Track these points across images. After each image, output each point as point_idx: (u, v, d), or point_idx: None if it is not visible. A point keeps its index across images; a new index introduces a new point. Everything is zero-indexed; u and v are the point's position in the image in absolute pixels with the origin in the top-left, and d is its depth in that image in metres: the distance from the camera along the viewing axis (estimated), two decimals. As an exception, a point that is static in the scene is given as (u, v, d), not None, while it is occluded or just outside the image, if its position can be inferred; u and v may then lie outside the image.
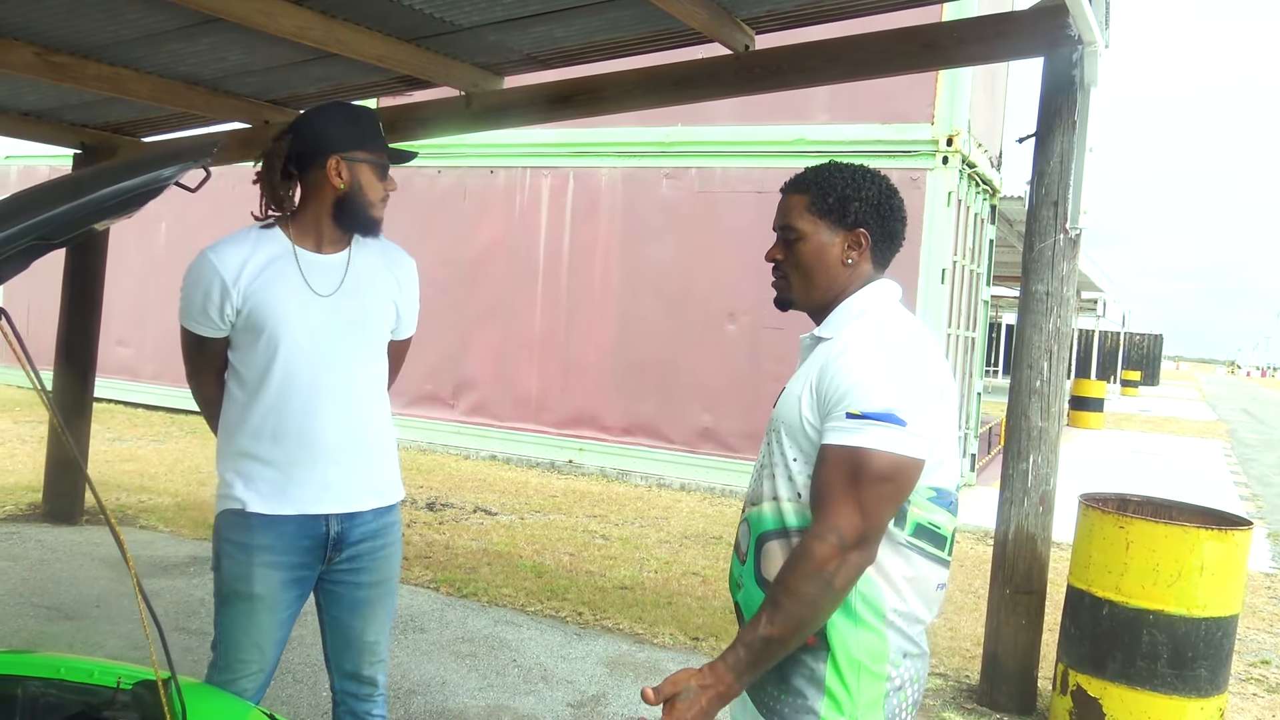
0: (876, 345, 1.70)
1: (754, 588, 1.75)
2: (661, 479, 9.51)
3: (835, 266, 1.80)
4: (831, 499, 1.61)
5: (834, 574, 1.58)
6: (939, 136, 8.46)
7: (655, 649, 4.75)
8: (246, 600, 2.34)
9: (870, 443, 1.60)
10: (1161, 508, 4.06)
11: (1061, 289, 4.08)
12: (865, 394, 1.62)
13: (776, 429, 1.76)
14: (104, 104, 5.72)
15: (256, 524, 2.32)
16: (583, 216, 10.02)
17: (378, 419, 2.45)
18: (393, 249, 2.53)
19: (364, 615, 2.48)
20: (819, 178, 1.81)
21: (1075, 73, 3.98)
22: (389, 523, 2.49)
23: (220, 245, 2.33)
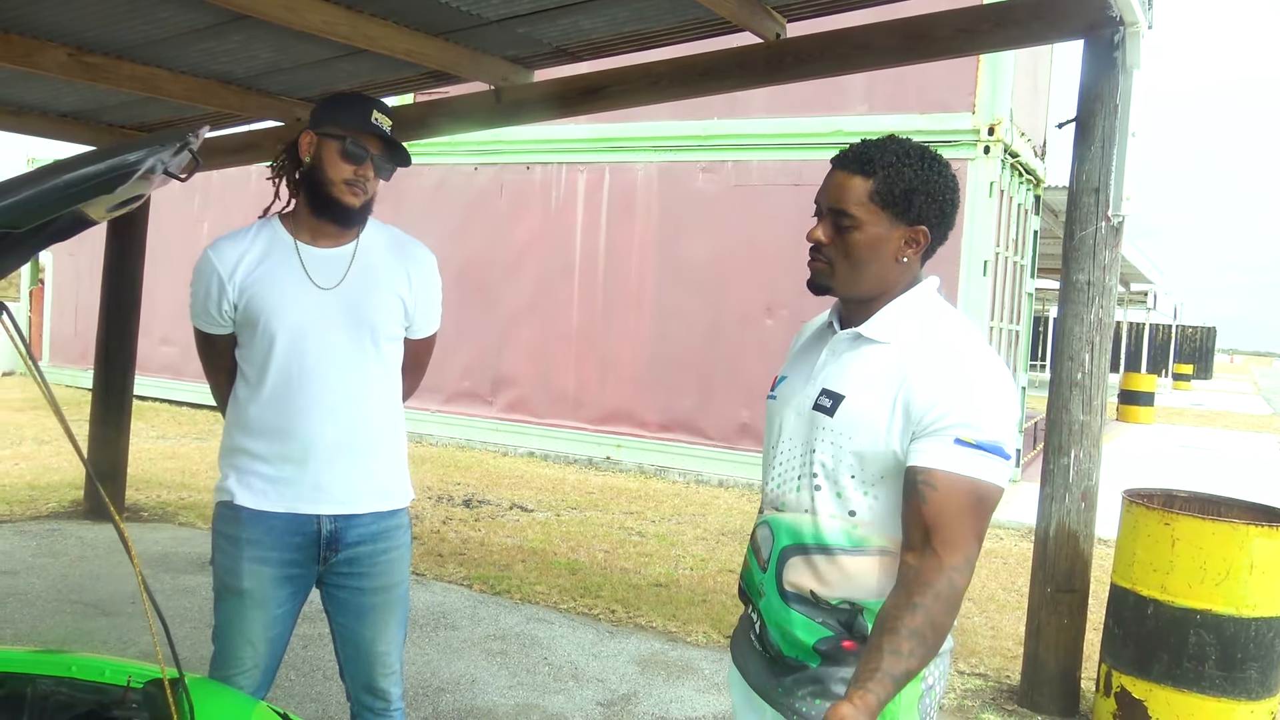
0: (978, 364, 1.59)
1: (777, 599, 1.66)
2: (699, 475, 9.44)
3: (888, 262, 1.64)
4: (958, 528, 1.52)
5: (959, 594, 1.52)
6: (980, 126, 8.30)
7: (688, 647, 4.69)
8: (237, 595, 2.31)
9: (987, 476, 1.53)
10: (1209, 503, 3.92)
11: (1104, 278, 3.95)
12: (980, 422, 1.53)
13: (834, 441, 1.61)
14: (140, 104, 5.77)
15: (246, 518, 2.30)
16: (619, 212, 9.97)
17: (380, 419, 2.38)
18: (410, 244, 2.47)
19: (371, 624, 2.42)
20: (887, 162, 1.62)
21: (1117, 55, 3.86)
22: (392, 527, 2.41)
23: (219, 241, 2.32)
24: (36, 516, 6.45)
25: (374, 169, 2.28)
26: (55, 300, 15.07)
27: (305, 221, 2.33)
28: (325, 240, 2.33)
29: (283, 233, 2.33)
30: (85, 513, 6.52)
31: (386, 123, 2.28)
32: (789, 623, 1.65)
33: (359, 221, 2.35)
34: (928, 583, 1.50)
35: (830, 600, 1.61)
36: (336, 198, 2.27)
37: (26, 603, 4.78)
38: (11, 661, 1.97)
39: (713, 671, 4.38)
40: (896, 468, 1.58)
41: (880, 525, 1.60)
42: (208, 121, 5.99)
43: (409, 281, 2.41)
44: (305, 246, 2.31)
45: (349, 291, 2.31)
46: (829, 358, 1.71)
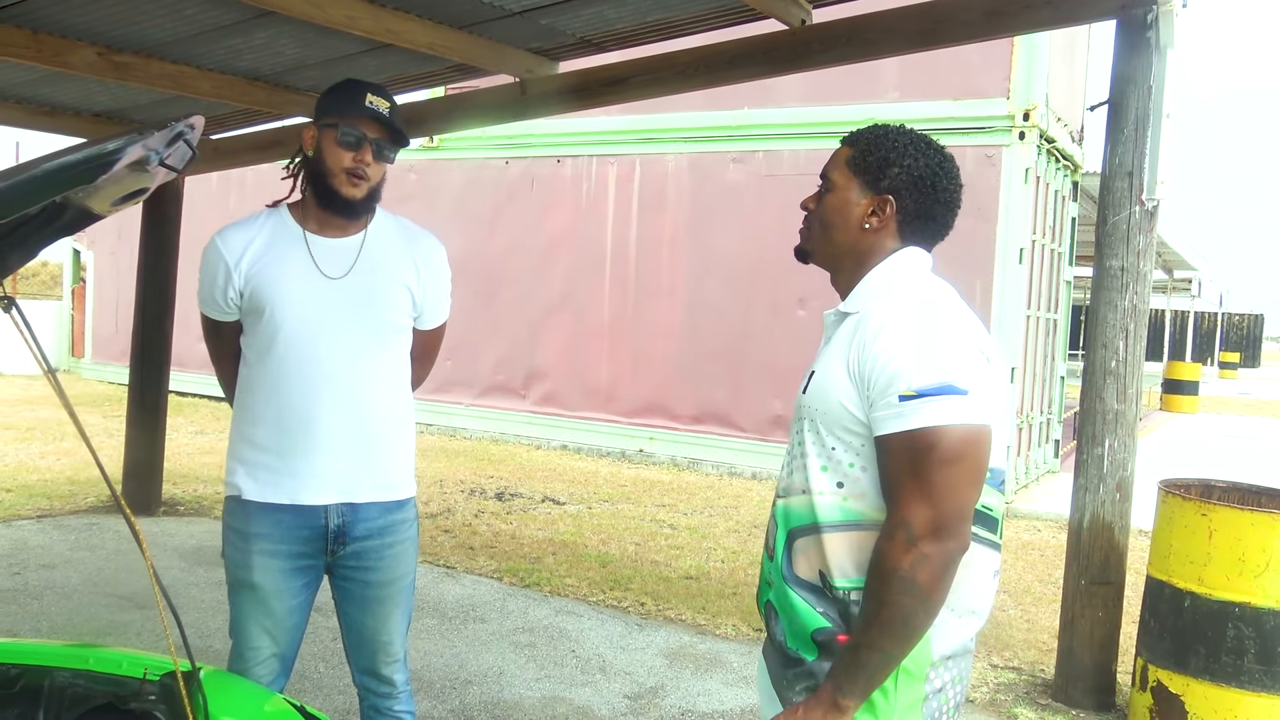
0: (914, 317, 1.57)
1: (784, 587, 1.64)
2: (733, 467, 9.40)
3: (854, 228, 1.69)
4: (897, 491, 1.50)
5: (912, 570, 1.46)
6: (1015, 111, 8.16)
7: (717, 640, 4.66)
8: (250, 589, 2.32)
9: (930, 420, 1.47)
10: (1249, 494, 3.83)
11: (1138, 264, 3.87)
12: (914, 371, 1.50)
13: (810, 417, 1.63)
14: (170, 103, 5.82)
15: (254, 511, 2.30)
16: (649, 203, 9.94)
17: (387, 409, 2.37)
18: (419, 234, 2.46)
19: (376, 615, 2.42)
20: (870, 135, 1.71)
21: (1150, 35, 3.76)
22: (399, 520, 2.41)
23: (226, 229, 2.33)
24: (75, 511, 6.55)
25: (373, 154, 2.26)
26: (97, 298, 15.30)
27: (313, 212, 2.33)
28: (333, 230, 2.32)
29: (291, 222, 2.33)
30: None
31: (383, 105, 2.25)
32: (794, 611, 1.63)
33: (364, 212, 2.34)
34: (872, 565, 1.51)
35: (834, 582, 1.58)
36: (337, 189, 2.26)
37: (63, 595, 4.85)
38: (29, 654, 1.98)
39: (741, 665, 4.35)
40: (869, 434, 1.56)
41: (872, 498, 1.57)
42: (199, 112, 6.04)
43: (417, 272, 2.40)
44: (313, 236, 2.31)
45: (357, 281, 2.30)
46: (824, 344, 1.74)
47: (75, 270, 16.70)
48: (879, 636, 1.48)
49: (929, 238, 1.71)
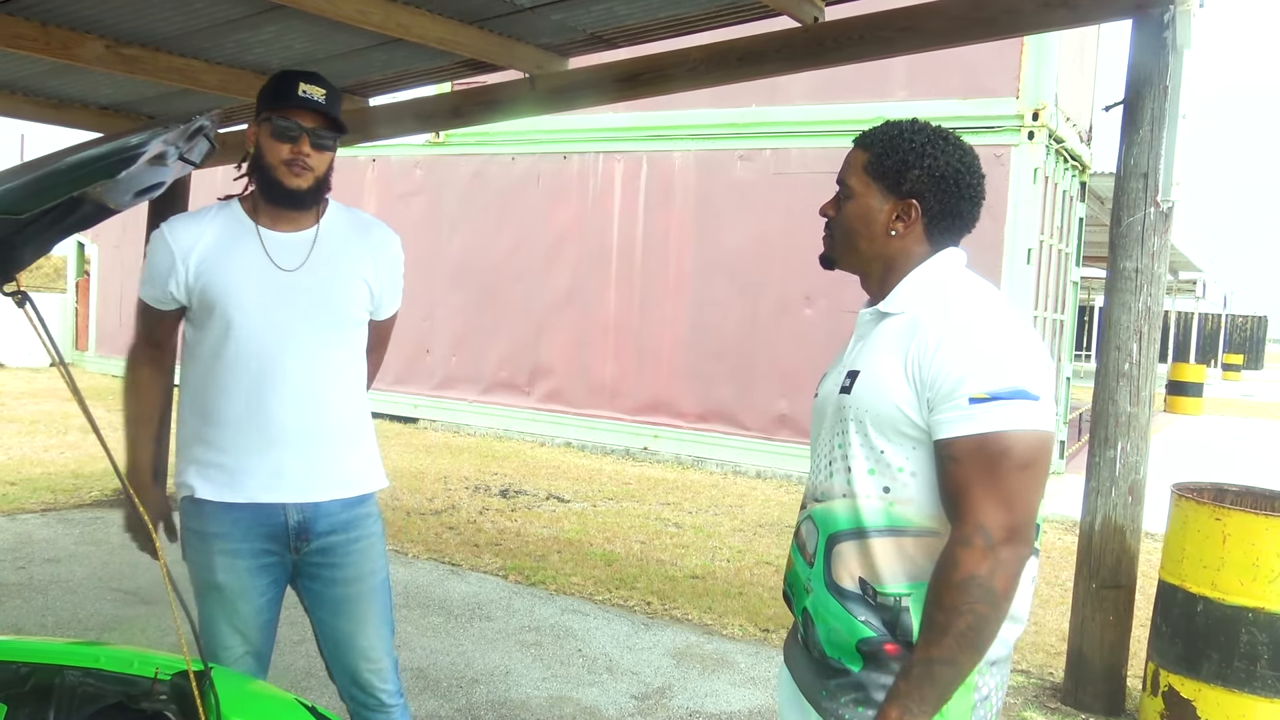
0: (981, 320, 1.54)
1: (824, 594, 1.60)
2: (737, 466, 9.38)
3: (879, 235, 1.65)
4: (969, 496, 1.45)
5: (990, 577, 1.42)
6: (1024, 111, 8.13)
7: (724, 640, 4.64)
8: (215, 589, 2.27)
9: (1004, 424, 1.45)
10: (1262, 498, 3.80)
11: (1152, 266, 3.84)
12: (987, 373, 1.47)
13: (856, 419, 1.58)
14: (178, 96, 5.80)
15: (210, 512, 2.25)
16: (656, 200, 9.91)
17: (344, 404, 2.32)
18: (375, 225, 2.43)
19: (349, 616, 2.35)
20: (885, 136, 1.66)
21: (1167, 34, 3.73)
22: (361, 515, 2.36)
23: (175, 220, 2.28)
24: (80, 505, 6.53)
25: (311, 143, 2.20)
26: (101, 291, 15.30)
27: (263, 207, 2.28)
28: (285, 225, 2.28)
29: (243, 215, 2.28)
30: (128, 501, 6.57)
31: (318, 92, 2.20)
32: (834, 619, 1.59)
33: (312, 203, 2.29)
34: (935, 566, 1.47)
35: (881, 589, 1.55)
36: (279, 180, 2.21)
37: (68, 590, 4.84)
38: (40, 653, 1.96)
39: (749, 665, 4.33)
40: (924, 437, 1.53)
41: (921, 504, 1.53)
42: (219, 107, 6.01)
43: (374, 264, 2.36)
44: (266, 230, 2.27)
45: (312, 275, 2.26)
46: (856, 341, 1.71)
47: (79, 263, 16.69)
48: (955, 649, 1.43)
49: (957, 234, 1.67)
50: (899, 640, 1.54)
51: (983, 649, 1.45)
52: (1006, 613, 1.46)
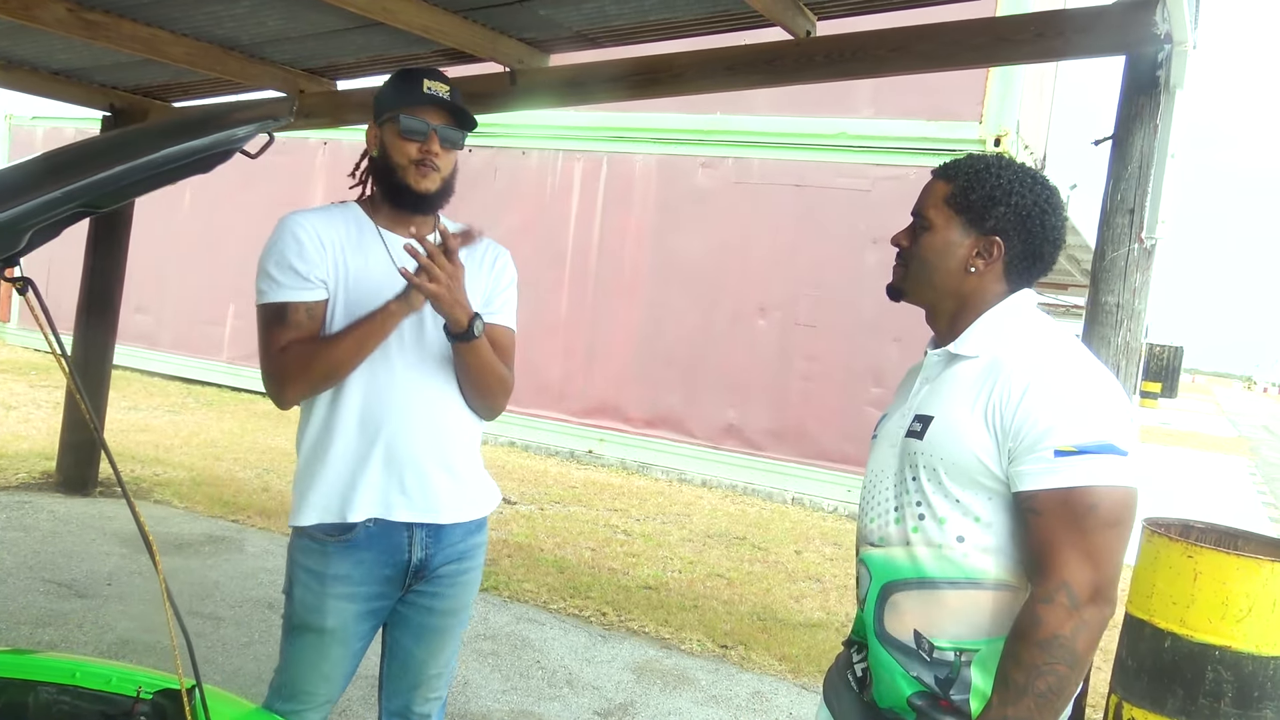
0: (1070, 368, 1.48)
1: (876, 645, 1.55)
2: (683, 474, 9.33)
3: (957, 271, 1.59)
4: (1054, 552, 1.40)
5: (1073, 637, 1.37)
6: (987, 136, 8.22)
7: (683, 655, 4.58)
8: (317, 633, 2.12)
9: (1092, 479, 1.40)
10: (1225, 536, 3.85)
11: (1133, 301, 3.86)
12: (1075, 425, 1.41)
13: (930, 465, 1.51)
14: (137, 66, 5.56)
15: (334, 553, 2.10)
16: (615, 202, 9.82)
17: (465, 419, 2.20)
18: (488, 242, 2.29)
19: (428, 644, 2.23)
20: (971, 169, 1.59)
21: (1160, 73, 3.76)
22: (477, 544, 2.25)
23: (299, 213, 2.13)
24: (5, 487, 6.22)
25: (440, 141, 2.11)
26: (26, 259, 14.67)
27: (385, 211, 2.18)
28: (404, 230, 2.16)
29: (364, 218, 2.17)
30: (58, 485, 6.29)
31: (443, 89, 2.13)
32: (887, 670, 1.53)
33: (439, 206, 2.19)
34: (1015, 623, 1.42)
35: (936, 642, 1.49)
36: (407, 183, 2.11)
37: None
38: (12, 667, 1.81)
39: (710, 683, 4.27)
40: (1001, 488, 1.47)
41: (998, 555, 1.48)
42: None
43: (489, 274, 2.25)
44: (388, 234, 2.16)
45: None
46: (923, 384, 1.64)
47: (3, 230, 16.01)
48: (1034, 709, 1.38)
49: (1034, 276, 1.62)
50: (953, 699, 1.48)
51: (1060, 711, 1.40)
52: (1085, 672, 1.41)
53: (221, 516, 6.08)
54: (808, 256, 8.82)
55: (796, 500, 8.79)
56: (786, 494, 8.85)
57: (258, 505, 6.40)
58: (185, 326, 12.32)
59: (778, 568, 6.45)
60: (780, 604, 5.58)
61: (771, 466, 8.94)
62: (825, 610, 5.56)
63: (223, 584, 4.82)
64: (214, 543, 5.49)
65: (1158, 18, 3.61)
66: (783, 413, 8.92)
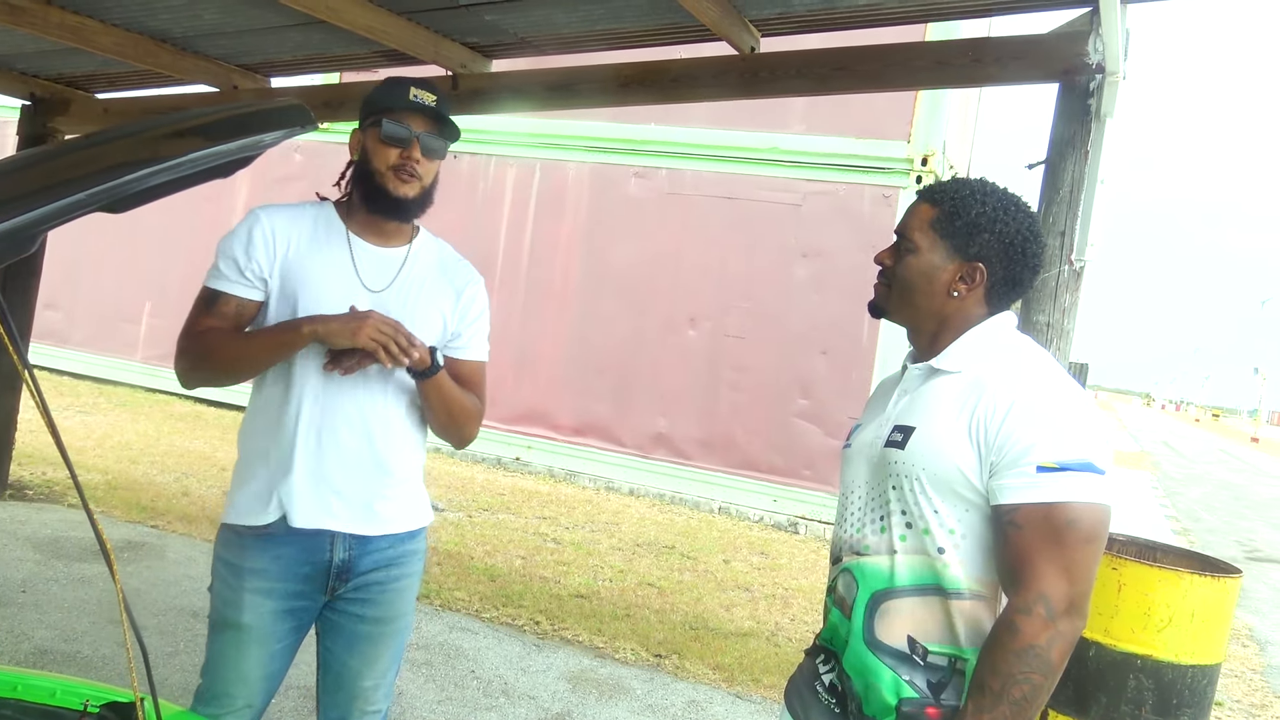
0: (1053, 389, 1.52)
1: (863, 649, 1.57)
2: (610, 482, 9.34)
3: (939, 294, 1.63)
4: (1032, 564, 1.44)
5: (1048, 648, 1.41)
6: (914, 155, 8.41)
7: (618, 664, 4.58)
8: (235, 629, 2.08)
9: (1071, 495, 1.44)
10: (1145, 549, 4.00)
11: (1063, 321, 3.98)
12: (1057, 443, 1.46)
13: (913, 475, 1.54)
14: (61, 54, 5.37)
15: (251, 545, 2.07)
16: (547, 209, 9.80)
17: (407, 436, 2.17)
18: (462, 262, 2.28)
19: (361, 654, 2.18)
20: (957, 194, 1.62)
21: (1091, 102, 3.90)
22: (408, 551, 2.21)
23: (270, 207, 2.11)
24: (-93, 488, 5.94)
25: (421, 149, 2.08)
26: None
27: (359, 216, 2.15)
28: (378, 237, 2.15)
29: (336, 220, 2.14)
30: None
31: (428, 98, 2.10)
32: (875, 676, 1.56)
33: (416, 214, 2.16)
34: (991, 633, 1.46)
35: (929, 647, 1.52)
36: (387, 188, 2.08)
37: (-100, 586, 4.38)
38: (-49, 680, 1.73)
39: (645, 692, 4.28)
40: (978, 501, 1.52)
41: (970, 567, 1.52)
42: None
43: (455, 300, 2.22)
44: (357, 240, 2.13)
45: (395, 298, 2.12)
46: (901, 395, 1.68)
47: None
48: (1009, 716, 1.42)
49: (1012, 300, 1.67)
50: (942, 705, 1.52)
51: (1033, 717, 1.44)
52: (1054, 685, 1.45)
53: (140, 522, 5.90)
54: (738, 268, 8.91)
55: (723, 509, 8.86)
56: (714, 503, 8.91)
57: (178, 510, 6.22)
58: (98, 324, 11.92)
59: (707, 577, 6.49)
60: (711, 613, 5.62)
61: (699, 476, 9.00)
62: (755, 619, 5.61)
63: (144, 591, 4.67)
64: (133, 549, 5.31)
65: (1091, 48, 3.75)
66: (711, 423, 8.99)
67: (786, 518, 8.60)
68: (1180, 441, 36.13)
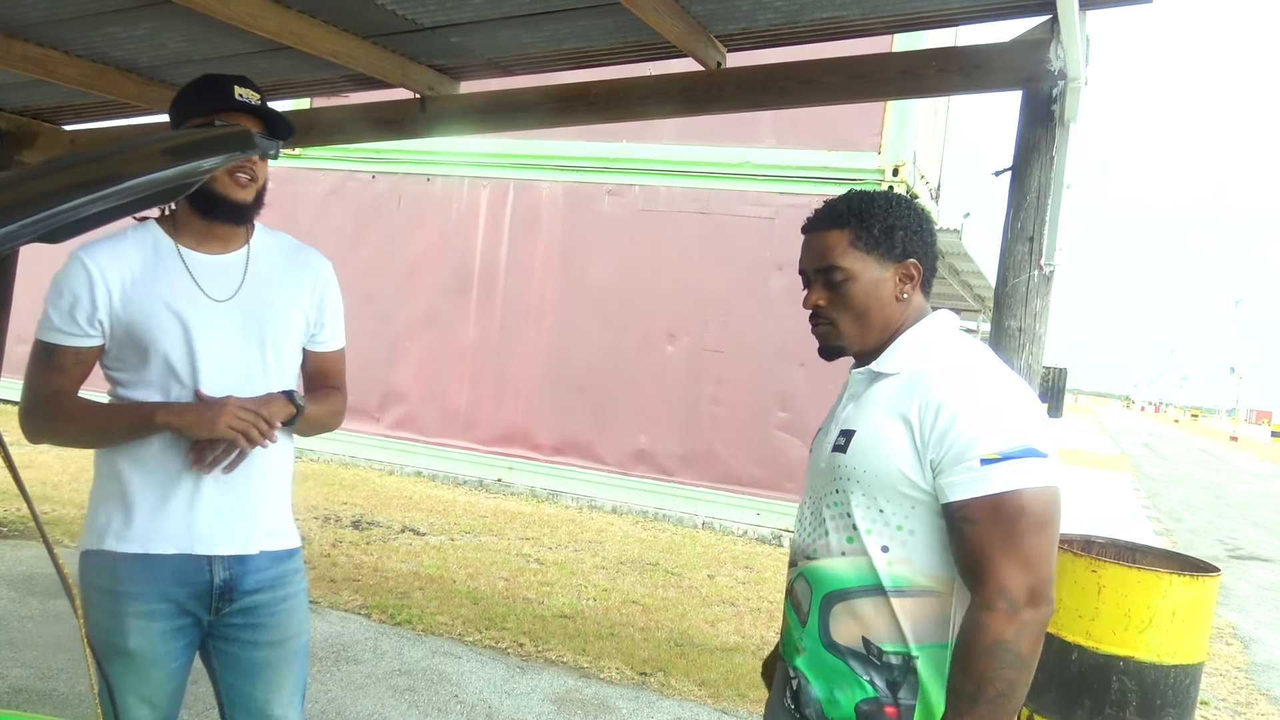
0: (985, 378, 1.55)
1: (822, 652, 1.58)
2: (593, 500, 9.31)
3: (890, 303, 1.65)
4: (988, 559, 1.44)
5: (1016, 641, 1.41)
6: (885, 166, 8.46)
7: (603, 684, 4.55)
8: (125, 655, 2.01)
9: (1018, 483, 1.45)
10: (1125, 550, 4.02)
11: (1034, 325, 4.01)
12: (997, 433, 1.47)
13: (854, 478, 1.57)
14: (26, 87, 5.34)
15: (124, 567, 2.00)
16: (521, 229, 9.80)
17: (278, 449, 2.12)
18: (306, 250, 2.24)
19: (265, 682, 2.12)
20: (854, 208, 1.64)
21: (1055, 108, 3.93)
22: (290, 570, 2.18)
23: (91, 245, 2.00)
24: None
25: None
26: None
27: (190, 226, 2.06)
28: (213, 245, 2.07)
29: (163, 238, 2.05)
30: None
31: (253, 96, 2.02)
32: (832, 679, 1.56)
33: (252, 216, 2.10)
34: (959, 632, 1.46)
35: (883, 647, 1.52)
36: (225, 194, 2.00)
37: None
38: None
39: (630, 711, 4.25)
40: (924, 498, 1.52)
41: (920, 563, 1.53)
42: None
43: (311, 292, 2.18)
44: (190, 253, 2.05)
45: (246, 304, 2.06)
46: (848, 401, 1.70)
47: None
48: (990, 715, 1.41)
49: (929, 287, 1.70)
50: (899, 704, 1.52)
51: (1013, 713, 1.44)
52: (1030, 676, 1.45)
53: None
54: (715, 283, 8.93)
55: (707, 525, 8.84)
56: (697, 519, 8.90)
57: (155, 543, 6.14)
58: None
59: (692, 593, 6.47)
60: (696, 629, 5.60)
61: (682, 491, 8.99)
62: (741, 634, 5.59)
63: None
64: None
65: (1052, 55, 3.78)
66: (692, 438, 8.98)
67: (770, 530, 8.60)
68: (1160, 443, 36.40)
